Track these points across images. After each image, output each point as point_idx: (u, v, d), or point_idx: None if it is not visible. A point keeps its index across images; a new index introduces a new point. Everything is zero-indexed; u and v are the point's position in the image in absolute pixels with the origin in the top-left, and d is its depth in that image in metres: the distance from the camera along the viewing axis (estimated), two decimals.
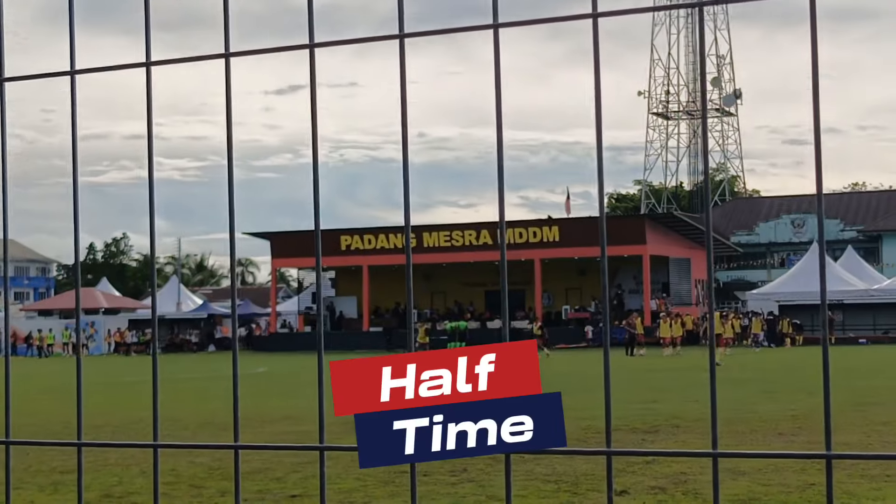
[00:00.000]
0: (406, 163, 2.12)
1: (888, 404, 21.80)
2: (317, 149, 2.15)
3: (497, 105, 1.95)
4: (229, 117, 2.10)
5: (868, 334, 68.91)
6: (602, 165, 2.08)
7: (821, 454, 1.79)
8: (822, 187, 2.20)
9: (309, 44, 1.99)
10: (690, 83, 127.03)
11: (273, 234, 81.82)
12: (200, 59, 2.10)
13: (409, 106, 2.03)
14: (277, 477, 13.15)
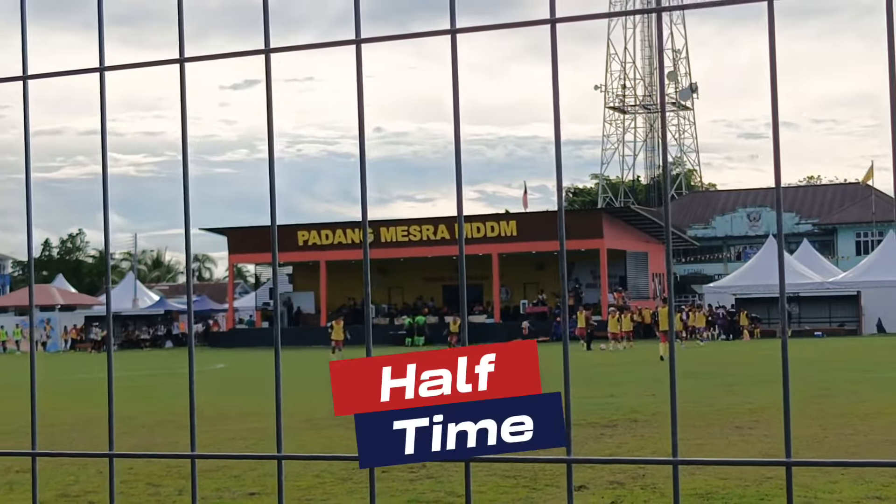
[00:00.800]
0: (363, 165, 2.10)
1: (844, 396, 21.94)
2: (272, 150, 2.14)
3: (455, 109, 1.94)
4: (184, 124, 2.08)
5: (824, 327, 69.33)
6: (561, 173, 2.08)
7: (781, 461, 1.79)
8: (780, 181, 2.21)
9: (265, 49, 1.97)
10: (646, 77, 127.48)
11: (230, 230, 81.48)
12: (155, 65, 2.08)
13: (365, 100, 2.02)
14: (235, 475, 13.10)
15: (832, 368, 31.79)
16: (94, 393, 27.87)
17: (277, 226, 2.33)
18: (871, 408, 19.46)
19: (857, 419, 17.75)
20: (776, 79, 2.01)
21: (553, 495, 11.24)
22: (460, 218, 2.39)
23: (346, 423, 18.88)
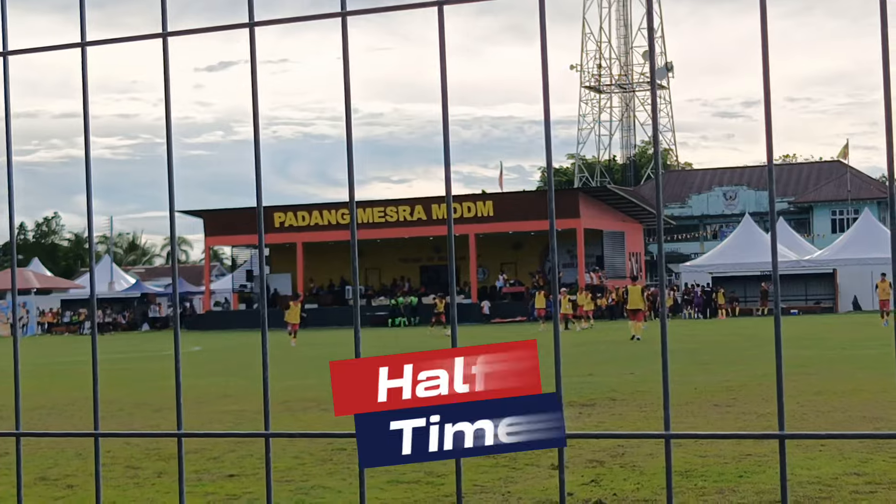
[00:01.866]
0: (350, 140, 2.08)
1: (821, 374, 22.01)
2: (258, 125, 2.12)
3: (442, 79, 1.92)
4: (168, 98, 2.06)
5: (800, 304, 69.60)
6: (550, 155, 2.06)
7: (774, 434, 1.78)
8: (773, 164, 2.19)
9: (249, 22, 1.95)
10: (622, 57, 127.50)
11: (206, 212, 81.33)
12: (138, 39, 2.06)
13: (341, 82, 1.99)
14: (214, 457, 13.08)
15: (809, 346, 31.90)
16: (71, 376, 27.79)
17: (252, 208, 2.31)
18: (849, 385, 19.53)
19: (834, 396, 17.82)
20: (768, 64, 2.00)
21: (533, 474, 11.25)
22: (448, 199, 2.38)
23: (322, 406, 18.90)
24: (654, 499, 9.88)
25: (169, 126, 2.02)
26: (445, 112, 1.95)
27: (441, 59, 1.93)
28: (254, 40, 1.94)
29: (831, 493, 9.82)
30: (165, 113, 2.02)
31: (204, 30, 2.01)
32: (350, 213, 1.95)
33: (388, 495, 10.47)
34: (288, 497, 10.57)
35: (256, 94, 1.99)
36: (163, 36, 2.00)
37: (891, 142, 1.84)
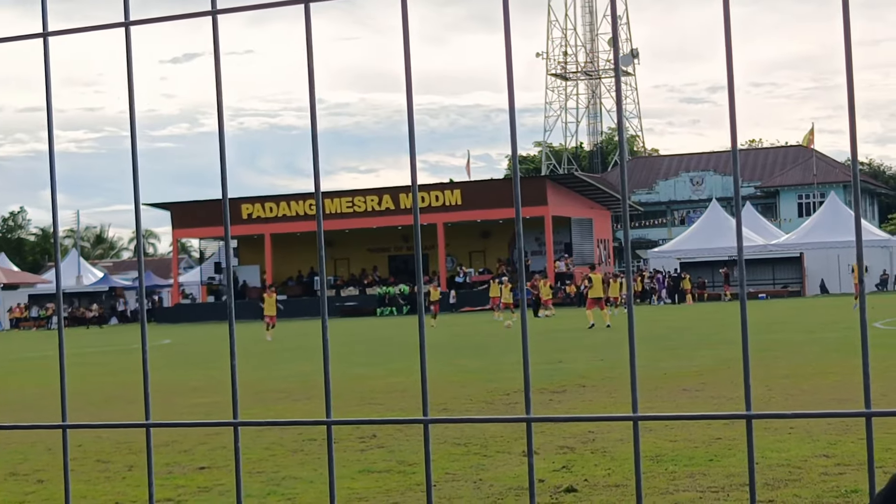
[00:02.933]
0: (315, 130, 2.08)
1: (789, 357, 22.13)
2: (221, 114, 2.11)
3: (406, 62, 1.92)
4: (131, 88, 2.05)
5: (767, 289, 69.89)
6: (515, 143, 2.06)
7: (741, 414, 1.79)
8: (737, 150, 2.20)
9: (211, 10, 1.94)
10: (587, 44, 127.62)
11: (173, 205, 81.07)
12: (100, 29, 2.05)
13: (306, 72, 1.99)
14: (185, 449, 13.05)
15: (777, 330, 32.05)
16: (39, 371, 27.67)
17: (220, 200, 2.31)
18: (817, 367, 19.64)
19: (802, 379, 17.92)
20: (731, 50, 2.00)
21: (504, 461, 11.27)
22: (414, 187, 2.38)
23: (293, 397, 18.89)
24: (625, 484, 9.91)
25: (133, 117, 2.01)
26: (410, 102, 1.95)
27: (405, 42, 1.93)
28: (216, 29, 1.94)
29: (801, 475, 9.87)
30: (129, 104, 2.01)
31: (166, 18, 2.00)
32: (316, 205, 1.96)
33: (359, 485, 10.47)
34: (259, 488, 10.56)
35: (220, 83, 1.99)
36: (125, 25, 1.99)
37: (853, 127, 1.85)
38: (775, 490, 9.36)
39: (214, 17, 1.91)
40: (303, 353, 31.40)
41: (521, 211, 1.94)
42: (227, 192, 2.05)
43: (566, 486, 9.93)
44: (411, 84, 1.97)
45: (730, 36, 1.94)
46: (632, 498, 9.36)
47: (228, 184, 2.16)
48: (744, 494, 9.25)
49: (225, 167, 2.16)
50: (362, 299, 74.31)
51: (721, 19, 2.03)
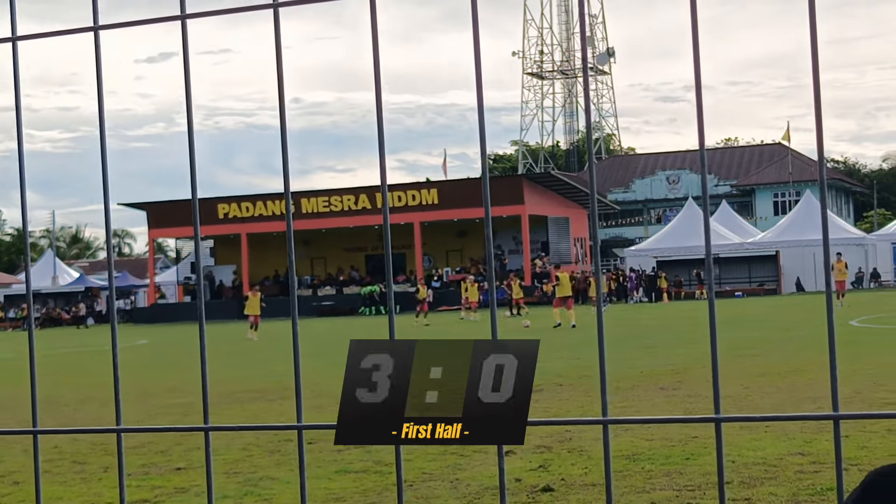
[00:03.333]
0: (284, 132, 2.08)
1: (765, 355, 22.19)
2: (191, 118, 2.11)
3: (375, 66, 1.92)
4: (100, 95, 2.04)
5: (744, 287, 70.08)
6: (484, 141, 2.07)
7: (710, 417, 1.79)
8: (704, 142, 2.20)
9: (181, 15, 1.94)
10: (564, 43, 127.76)
11: (149, 205, 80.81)
12: (68, 33, 2.04)
13: (284, 71, 1.99)
14: (161, 450, 13.03)
15: (753, 328, 32.14)
16: (15, 373, 27.57)
17: (198, 199, 2.30)
18: (793, 365, 19.70)
19: (778, 377, 17.97)
20: (698, 48, 2.01)
21: (481, 461, 11.27)
22: (384, 187, 2.37)
23: (268, 397, 18.86)
24: (601, 483, 9.93)
25: (102, 120, 2.00)
26: (378, 96, 1.95)
27: (374, 41, 1.93)
28: (185, 33, 1.93)
29: (776, 473, 9.91)
30: (98, 107, 2.00)
31: (135, 23, 2.00)
32: (286, 204, 1.95)
33: (336, 485, 10.47)
34: (236, 489, 10.54)
35: (189, 87, 1.98)
36: (94, 29, 1.98)
37: (820, 127, 1.86)
38: (751, 488, 9.39)
39: (184, 21, 1.91)
40: (279, 354, 31.34)
41: (490, 212, 1.94)
42: (196, 192, 2.05)
43: (543, 485, 9.94)
44: (380, 83, 1.97)
45: (697, 37, 1.94)
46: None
47: (203, 183, 2.15)
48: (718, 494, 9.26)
49: (195, 171, 2.15)
50: (339, 299, 74.20)
51: (700, 18, 2.04)
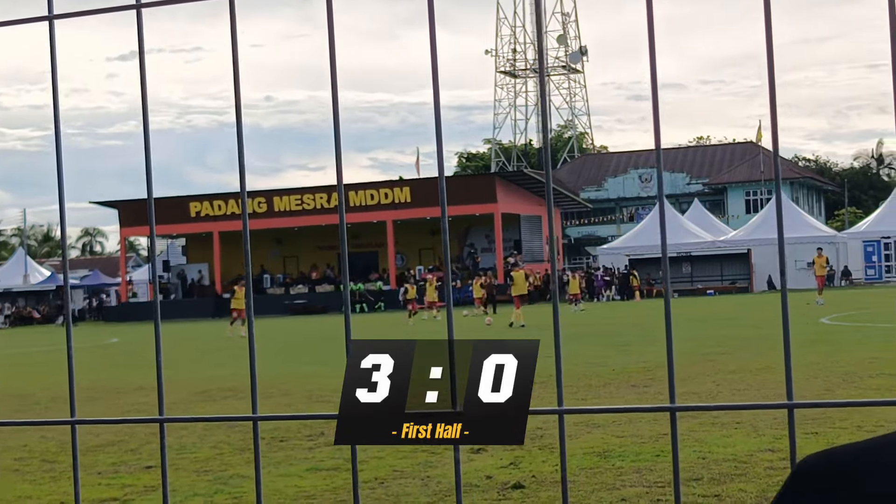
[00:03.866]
0: (240, 126, 2.06)
1: (736, 353, 22.24)
2: (146, 113, 2.09)
3: (332, 67, 1.91)
4: (55, 83, 2.02)
5: (716, 285, 70.29)
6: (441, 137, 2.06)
7: (666, 407, 1.79)
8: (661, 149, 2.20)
9: (136, 4, 1.92)
10: (536, 41, 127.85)
11: (120, 203, 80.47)
12: (22, 23, 2.02)
13: (256, 69, 1.99)
14: (132, 448, 12.99)
15: (725, 326, 32.23)
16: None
17: (168, 197, 2.28)
18: (763, 363, 19.75)
19: (749, 375, 18.02)
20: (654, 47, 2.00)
21: (451, 459, 11.24)
22: (340, 182, 2.36)
23: (239, 395, 18.81)
24: (572, 479, 9.93)
25: (56, 113, 1.99)
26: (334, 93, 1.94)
27: (330, 45, 1.91)
28: (141, 22, 1.91)
29: (746, 470, 9.93)
30: (53, 100, 1.99)
31: (90, 12, 1.98)
32: (242, 204, 1.94)
33: (307, 483, 10.45)
34: (207, 487, 10.51)
35: (144, 75, 1.97)
36: (48, 19, 1.97)
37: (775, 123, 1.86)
38: (722, 484, 9.41)
39: (139, 10, 1.89)
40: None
41: (447, 212, 1.93)
42: (152, 193, 2.03)
43: (514, 482, 9.94)
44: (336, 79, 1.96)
45: (653, 36, 1.94)
46: (578, 493, 9.38)
47: (175, 181, 2.14)
48: (690, 489, 9.29)
49: (150, 168, 2.14)
50: (312, 297, 74.09)
51: (666, 15, 2.04)
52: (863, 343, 23.40)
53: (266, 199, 75.89)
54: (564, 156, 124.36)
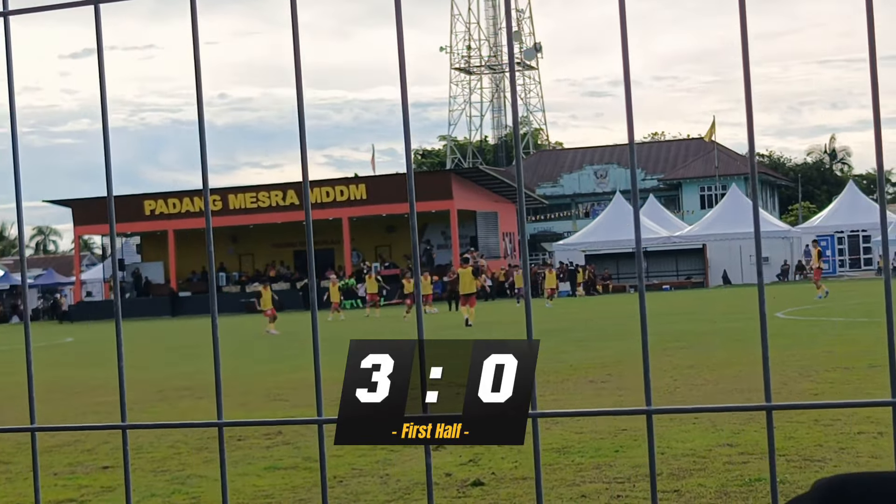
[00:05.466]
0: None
1: (693, 348, 22.32)
2: (105, 109, 2.05)
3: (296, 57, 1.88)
4: (11, 82, 1.98)
5: (671, 280, 70.57)
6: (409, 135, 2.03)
7: (642, 410, 1.77)
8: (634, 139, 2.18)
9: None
10: (491, 38, 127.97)
11: (74, 201, 79.96)
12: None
13: (210, 67, 1.95)
14: (88, 449, 12.88)
15: (681, 321, 32.33)
16: None
17: (123, 196, 2.24)
18: (720, 358, 19.82)
19: (706, 370, 18.06)
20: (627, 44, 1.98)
21: (411, 456, 11.23)
22: (306, 180, 2.33)
23: (196, 394, 18.71)
24: (532, 476, 9.92)
25: (13, 112, 1.95)
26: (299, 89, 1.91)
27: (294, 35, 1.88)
28: (99, 19, 1.88)
29: (705, 465, 9.95)
30: (9, 99, 1.95)
31: (46, 8, 1.94)
32: (206, 202, 1.90)
33: (265, 482, 10.39)
34: (164, 487, 10.43)
35: (102, 70, 1.93)
36: (3, 15, 1.92)
37: (751, 121, 1.84)
38: (680, 480, 9.42)
39: (97, 6, 1.86)
40: (208, 350, 31.17)
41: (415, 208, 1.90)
42: (111, 189, 2.00)
43: (473, 479, 9.92)
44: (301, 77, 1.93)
45: (625, 33, 1.92)
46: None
47: (129, 180, 2.10)
48: (649, 485, 9.29)
49: (109, 164, 2.10)
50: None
51: (618, 14, 2.01)
52: (817, 337, 23.54)
53: (221, 197, 75.62)
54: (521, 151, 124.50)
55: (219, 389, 2.04)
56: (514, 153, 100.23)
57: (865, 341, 20.73)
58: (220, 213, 74.32)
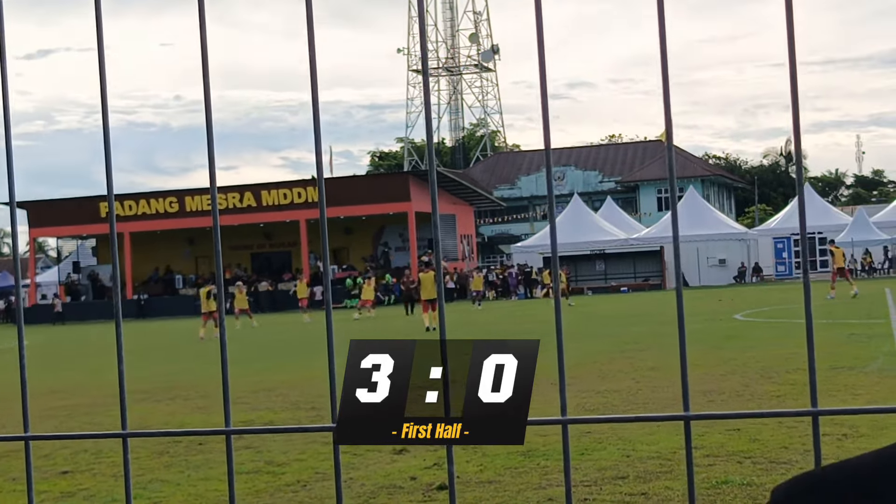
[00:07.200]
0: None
1: (654, 349, 22.30)
2: (105, 110, 1.95)
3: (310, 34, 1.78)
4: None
5: (629, 282, 70.70)
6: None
7: (680, 416, 1.69)
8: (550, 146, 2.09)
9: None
10: (448, 40, 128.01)
11: (29, 203, 79.36)
12: None
13: (165, 68, 1.86)
14: (45, 454, 12.71)
15: (640, 322, 32.37)
16: None
17: (78, 198, 2.14)
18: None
19: (669, 371, 18.02)
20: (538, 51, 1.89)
21: (375, 459, 11.15)
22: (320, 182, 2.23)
23: (156, 397, 18.54)
24: (497, 480, 9.86)
25: (7, 112, 1.85)
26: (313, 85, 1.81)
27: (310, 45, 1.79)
28: (99, 17, 1.78)
29: (671, 467, 9.91)
30: (2, 98, 1.85)
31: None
32: (110, 206, 1.81)
33: (227, 487, 10.27)
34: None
35: (103, 71, 1.84)
36: None
37: (670, 124, 1.76)
38: (647, 482, 9.37)
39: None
40: (166, 353, 30.99)
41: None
42: (111, 190, 1.90)
43: (438, 483, 9.85)
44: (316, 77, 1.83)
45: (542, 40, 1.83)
46: (504, 494, 9.30)
47: (84, 182, 2.00)
48: (616, 487, 9.25)
49: (109, 167, 2.00)
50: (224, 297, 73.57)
51: (575, 15, 1.93)
52: (777, 339, 23.59)
53: (177, 199, 75.30)
54: (477, 154, 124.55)
55: (226, 396, 1.96)
56: (471, 155, 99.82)
57: (826, 343, 20.77)
58: (176, 216, 73.97)
